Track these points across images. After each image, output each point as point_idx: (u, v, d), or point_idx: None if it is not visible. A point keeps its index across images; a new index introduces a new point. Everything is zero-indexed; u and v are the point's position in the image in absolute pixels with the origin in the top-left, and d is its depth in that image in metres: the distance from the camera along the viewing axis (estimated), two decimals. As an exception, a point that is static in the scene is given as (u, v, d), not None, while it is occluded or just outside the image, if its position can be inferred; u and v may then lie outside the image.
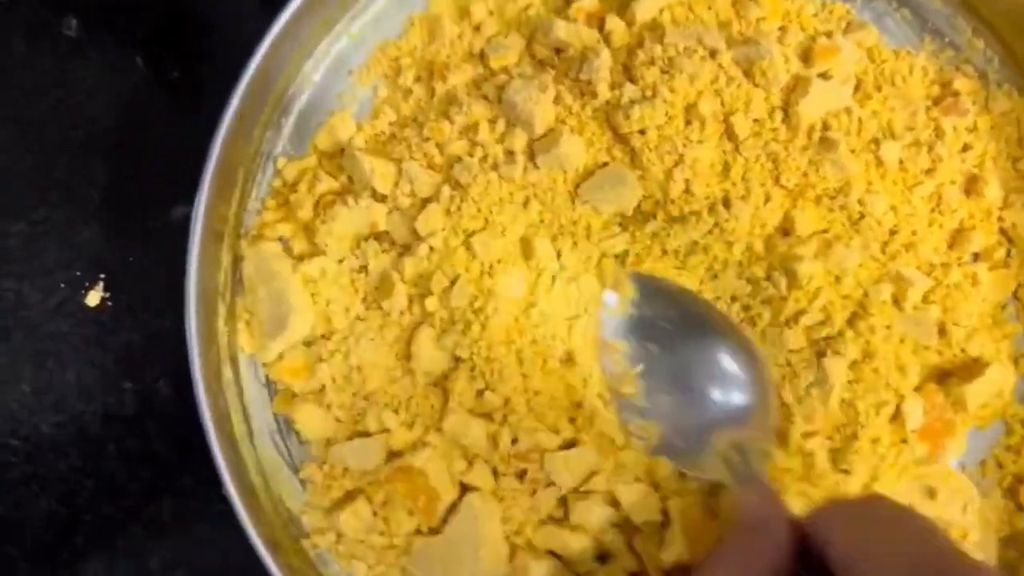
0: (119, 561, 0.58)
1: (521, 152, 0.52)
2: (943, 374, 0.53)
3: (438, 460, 0.51)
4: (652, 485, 0.51)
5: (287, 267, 0.53)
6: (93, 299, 0.58)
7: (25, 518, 0.58)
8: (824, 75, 0.52)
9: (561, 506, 0.52)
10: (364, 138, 0.55)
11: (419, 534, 0.52)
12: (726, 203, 0.52)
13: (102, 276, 0.59)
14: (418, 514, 0.51)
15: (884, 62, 0.55)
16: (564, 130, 0.51)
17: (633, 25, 0.53)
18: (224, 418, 0.52)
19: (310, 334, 0.53)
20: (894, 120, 0.53)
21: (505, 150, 0.52)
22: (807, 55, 0.53)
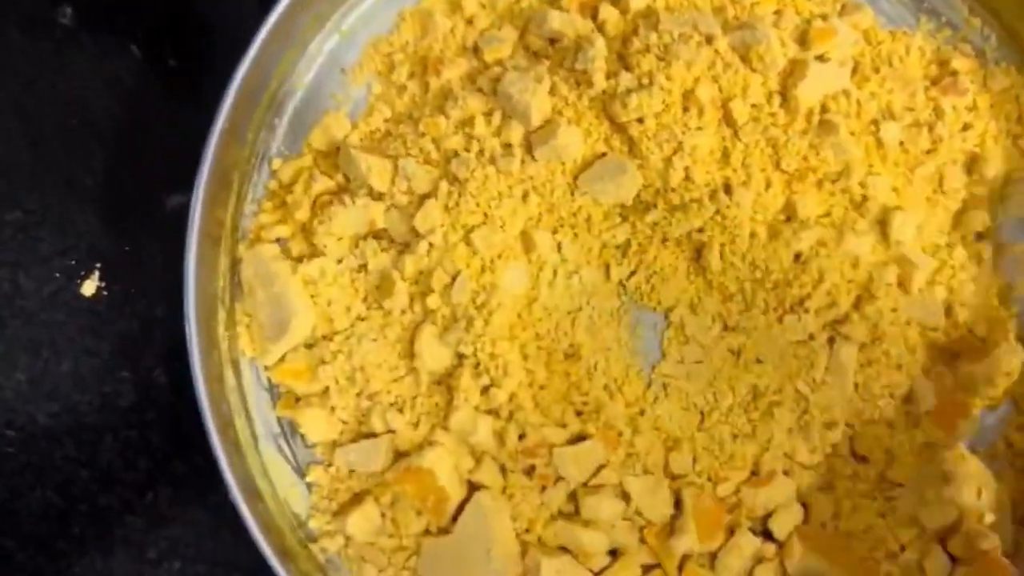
0: (116, 551, 0.57)
1: (518, 145, 0.51)
2: (951, 355, 0.53)
3: (446, 459, 0.51)
4: (663, 475, 0.51)
5: (286, 269, 0.52)
6: (89, 288, 0.58)
7: (21, 509, 0.57)
8: (821, 58, 0.52)
9: (571, 501, 0.51)
10: (359, 136, 0.54)
11: (428, 535, 0.51)
12: (727, 189, 0.51)
13: (98, 265, 0.58)
14: (427, 514, 0.51)
15: (881, 43, 0.54)
16: (561, 121, 0.51)
17: (627, 13, 0.53)
18: (228, 424, 0.52)
19: (311, 336, 0.53)
20: (893, 101, 0.53)
21: (502, 143, 0.51)
22: (803, 38, 0.52)
